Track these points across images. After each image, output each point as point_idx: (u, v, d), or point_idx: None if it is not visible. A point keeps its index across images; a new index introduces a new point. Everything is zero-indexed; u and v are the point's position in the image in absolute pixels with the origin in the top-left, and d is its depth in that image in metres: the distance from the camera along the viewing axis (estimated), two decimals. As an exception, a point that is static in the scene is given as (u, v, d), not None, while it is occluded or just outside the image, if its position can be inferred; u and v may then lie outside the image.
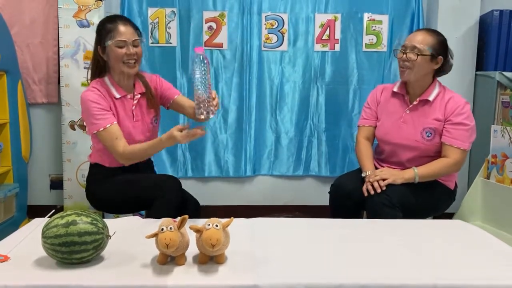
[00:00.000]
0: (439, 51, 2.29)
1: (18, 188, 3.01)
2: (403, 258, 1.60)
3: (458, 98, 2.33)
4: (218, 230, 1.45)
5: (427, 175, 2.26)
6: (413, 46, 2.28)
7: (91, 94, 2.16)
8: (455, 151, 2.25)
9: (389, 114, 2.44)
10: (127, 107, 2.26)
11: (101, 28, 2.20)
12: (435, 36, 2.32)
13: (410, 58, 2.28)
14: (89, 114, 2.14)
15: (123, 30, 2.15)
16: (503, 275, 1.47)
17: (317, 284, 1.39)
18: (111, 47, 2.14)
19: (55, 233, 1.44)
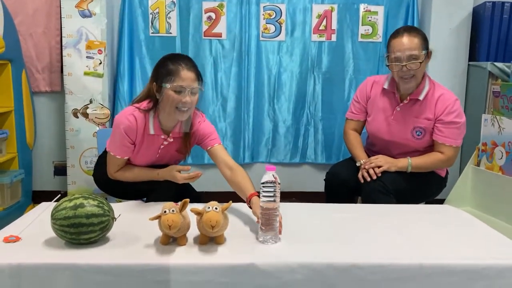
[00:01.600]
0: (427, 45, 2.29)
1: (23, 174, 3.09)
2: (392, 240, 1.67)
3: (448, 95, 2.33)
4: (218, 213, 1.51)
5: (420, 167, 2.32)
6: (409, 56, 2.22)
7: (127, 124, 2.05)
8: (448, 149, 2.30)
9: (379, 111, 2.44)
10: (155, 144, 2.17)
11: (161, 66, 2.04)
12: (418, 34, 2.27)
13: (412, 68, 2.23)
14: (115, 137, 2.11)
15: (184, 76, 1.98)
16: (485, 255, 1.54)
17: (310, 262, 1.46)
18: (168, 90, 1.98)
19: (64, 215, 1.50)
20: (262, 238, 1.60)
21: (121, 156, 2.12)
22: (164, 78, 1.98)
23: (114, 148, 2.13)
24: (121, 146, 2.10)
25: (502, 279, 1.48)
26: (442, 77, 3.45)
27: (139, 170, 2.17)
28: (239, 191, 1.99)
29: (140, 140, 2.11)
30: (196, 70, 2.04)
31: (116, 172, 2.17)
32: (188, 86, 1.98)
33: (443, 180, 2.50)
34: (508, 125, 2.60)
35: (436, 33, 3.43)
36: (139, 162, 2.19)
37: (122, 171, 2.17)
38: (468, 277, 1.48)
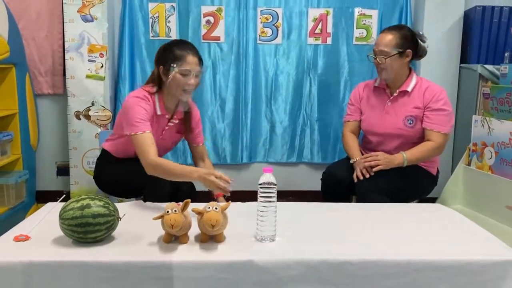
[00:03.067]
0: (405, 45, 2.43)
1: (27, 174, 3.13)
2: (383, 238, 1.73)
3: (434, 86, 2.49)
4: (217, 212, 1.58)
5: (414, 159, 2.41)
6: (380, 50, 2.42)
7: (142, 101, 2.20)
8: (437, 135, 2.41)
9: (372, 108, 2.59)
10: (160, 125, 2.34)
11: (169, 51, 2.23)
12: (396, 33, 2.44)
13: (380, 61, 2.43)
14: (132, 116, 2.15)
15: (191, 60, 2.20)
16: (470, 252, 1.62)
17: (305, 259, 1.53)
18: (175, 73, 2.19)
19: (72, 215, 1.56)
20: (260, 236, 1.66)
21: (149, 130, 2.15)
22: (173, 62, 2.19)
23: (137, 124, 2.13)
24: (145, 121, 2.16)
25: (485, 274, 1.56)
26: (435, 78, 3.48)
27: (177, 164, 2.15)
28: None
29: (151, 118, 2.26)
30: (199, 55, 2.27)
31: (154, 157, 2.09)
32: (194, 69, 2.21)
33: (434, 178, 2.59)
34: (497, 126, 2.66)
35: (428, 36, 3.39)
36: None
37: (161, 160, 2.11)
38: (453, 272, 1.55)
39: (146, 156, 2.10)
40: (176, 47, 2.23)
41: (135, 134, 2.14)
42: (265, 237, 1.66)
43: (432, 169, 2.56)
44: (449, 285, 1.55)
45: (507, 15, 3.32)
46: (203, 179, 1.97)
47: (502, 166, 2.63)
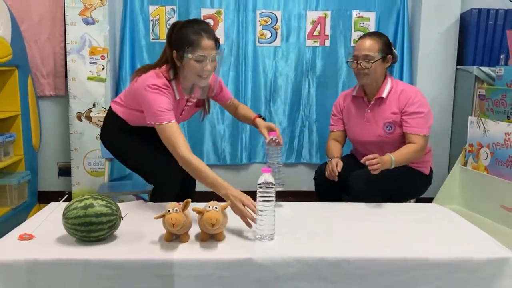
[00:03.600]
0: (387, 50, 2.45)
1: (29, 175, 3.16)
2: (380, 236, 1.77)
3: (409, 89, 2.49)
4: (217, 212, 1.61)
5: (402, 160, 2.36)
6: (364, 55, 2.41)
7: (163, 90, 2.05)
8: (417, 138, 2.40)
9: (353, 117, 2.60)
10: (180, 106, 2.24)
11: (182, 36, 2.04)
12: (379, 39, 2.46)
13: (365, 66, 2.41)
14: (155, 106, 2.02)
15: (205, 45, 2.01)
16: (465, 250, 1.65)
17: (303, 257, 1.56)
18: (189, 60, 2.03)
19: (75, 215, 1.59)
20: (259, 235, 1.69)
21: (174, 118, 2.04)
22: (186, 48, 2.01)
23: (163, 115, 2.02)
24: (169, 110, 2.04)
25: (480, 272, 1.59)
26: (432, 80, 3.56)
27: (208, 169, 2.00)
28: (244, 119, 2.48)
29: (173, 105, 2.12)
30: (214, 36, 2.08)
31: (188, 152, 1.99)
32: (209, 54, 2.03)
33: (427, 178, 2.59)
34: (493, 127, 2.70)
35: (425, 38, 3.52)
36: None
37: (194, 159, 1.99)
38: (449, 270, 1.58)
39: (177, 150, 1.99)
40: (190, 30, 2.03)
41: (160, 124, 2.01)
42: (264, 236, 1.69)
43: (424, 169, 2.57)
44: (445, 282, 1.58)
45: (503, 18, 3.35)
46: (231, 203, 1.81)
47: (497, 167, 2.67)
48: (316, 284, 1.57)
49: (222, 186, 1.89)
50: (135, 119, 2.24)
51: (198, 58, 2.02)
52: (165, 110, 2.02)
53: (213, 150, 3.69)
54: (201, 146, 3.67)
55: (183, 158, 1.98)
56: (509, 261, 1.60)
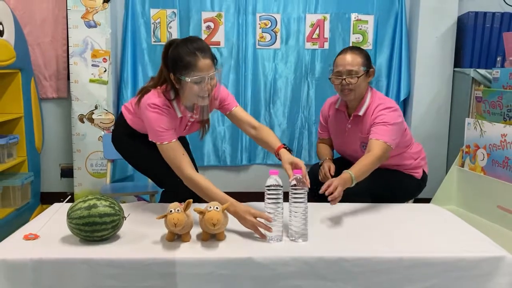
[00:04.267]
0: (369, 64, 2.39)
1: (32, 176, 3.18)
2: (377, 236, 1.80)
3: (383, 105, 2.36)
4: (218, 212, 1.64)
5: (361, 175, 2.16)
6: (348, 70, 2.32)
7: (164, 111, 2.04)
8: (376, 144, 2.23)
9: (336, 128, 2.58)
10: (183, 123, 2.21)
11: (177, 58, 1.96)
12: (361, 53, 2.38)
13: (350, 82, 2.32)
14: (156, 125, 2.02)
15: (202, 65, 1.93)
16: (460, 249, 1.68)
17: (302, 256, 1.59)
18: (187, 84, 1.96)
19: (79, 215, 1.62)
20: (268, 237, 1.71)
21: (176, 138, 2.03)
22: (183, 71, 1.95)
23: (165, 136, 2.01)
24: (169, 130, 2.03)
25: (475, 270, 1.62)
26: (429, 82, 3.60)
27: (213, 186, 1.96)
28: (267, 147, 2.23)
29: (175, 123, 2.12)
30: (211, 54, 2.00)
31: (192, 172, 1.98)
32: (207, 74, 1.95)
33: (420, 181, 2.58)
34: (489, 129, 2.72)
35: (423, 41, 3.56)
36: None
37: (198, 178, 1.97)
38: (444, 269, 1.61)
39: (182, 170, 1.99)
40: (185, 51, 1.95)
41: (161, 143, 2.01)
42: (272, 237, 1.71)
43: (416, 174, 2.54)
44: (441, 280, 1.61)
45: (499, 21, 3.39)
46: (239, 218, 1.81)
47: (494, 167, 2.69)
48: (314, 282, 1.60)
49: (230, 203, 1.84)
50: (141, 128, 2.23)
51: (196, 80, 1.95)
52: (164, 129, 2.01)
53: (213, 151, 3.72)
54: (202, 147, 3.70)
55: (188, 178, 1.98)
56: (503, 260, 1.63)
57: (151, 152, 2.11)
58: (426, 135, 3.63)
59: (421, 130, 3.63)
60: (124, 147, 2.39)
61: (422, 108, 3.65)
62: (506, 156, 2.61)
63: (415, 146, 2.61)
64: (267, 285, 1.59)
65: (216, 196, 1.89)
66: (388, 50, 3.69)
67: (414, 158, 2.56)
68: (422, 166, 2.60)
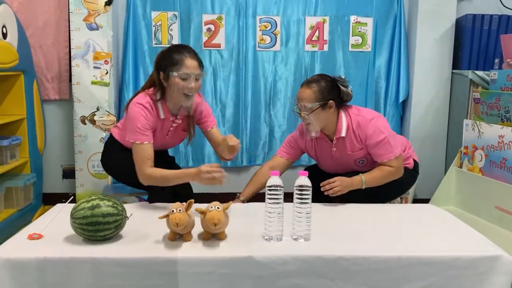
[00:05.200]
0: (326, 97, 2.28)
1: (35, 177, 3.20)
2: (376, 235, 1.82)
3: (362, 121, 2.34)
4: (219, 212, 1.65)
5: (373, 182, 2.29)
6: (302, 105, 2.29)
7: (148, 108, 2.19)
8: (392, 162, 2.30)
9: (322, 156, 2.50)
10: (165, 126, 2.32)
11: (167, 56, 2.19)
12: (314, 87, 2.28)
13: (304, 117, 2.30)
14: (134, 124, 2.16)
15: (189, 64, 2.15)
16: (457, 248, 1.71)
17: (301, 255, 1.61)
18: (174, 78, 2.15)
19: (83, 215, 1.63)
20: (268, 236, 1.74)
21: (147, 140, 2.16)
22: (171, 67, 2.15)
23: (139, 136, 2.15)
24: (145, 131, 2.17)
25: (472, 268, 1.64)
26: (428, 84, 3.62)
27: (170, 171, 2.18)
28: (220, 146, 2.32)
29: (155, 125, 2.25)
30: (198, 58, 2.22)
31: (149, 171, 2.14)
32: (193, 73, 2.16)
33: (412, 171, 2.54)
34: (487, 130, 2.75)
35: (422, 43, 3.58)
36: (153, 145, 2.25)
37: (154, 173, 2.14)
38: (441, 267, 1.63)
39: (142, 170, 2.15)
40: (174, 52, 2.19)
41: (134, 142, 2.16)
42: (272, 236, 1.73)
43: (407, 165, 2.50)
44: (438, 279, 1.63)
45: (497, 23, 3.41)
46: (198, 179, 2.05)
47: (492, 168, 2.72)
48: (313, 281, 1.62)
49: (191, 174, 2.10)
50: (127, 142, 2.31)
51: (182, 76, 2.15)
52: (141, 130, 2.16)
53: (214, 153, 3.69)
54: (202, 148, 3.72)
55: (144, 176, 2.15)
56: (499, 259, 1.65)
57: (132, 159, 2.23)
58: (424, 136, 3.66)
59: (420, 131, 3.66)
60: (110, 162, 2.49)
61: (420, 109, 3.67)
62: (503, 157, 2.64)
63: (400, 139, 2.56)
64: (267, 283, 1.61)
65: (173, 178, 2.15)
66: (387, 52, 3.72)
67: (402, 150, 2.50)
68: (410, 155, 2.56)
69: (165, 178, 2.15)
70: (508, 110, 2.66)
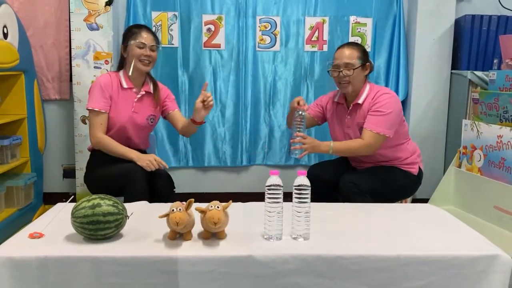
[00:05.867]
0: (365, 58, 2.52)
1: (35, 177, 3.21)
2: (375, 235, 1.82)
3: (382, 91, 2.51)
4: (219, 211, 1.66)
5: (340, 150, 2.48)
6: (345, 63, 2.48)
7: (104, 79, 2.54)
8: (368, 134, 2.42)
9: (335, 122, 2.67)
10: (129, 98, 2.59)
11: (127, 31, 2.61)
12: (358, 47, 2.53)
13: (346, 74, 2.47)
14: (93, 92, 2.52)
15: (145, 35, 2.55)
16: (456, 247, 1.71)
17: (301, 254, 1.62)
18: (132, 46, 2.53)
19: (83, 214, 1.64)
20: (267, 235, 1.75)
21: (101, 108, 2.49)
22: (129, 38, 2.55)
23: (94, 103, 2.50)
24: (101, 99, 2.50)
25: (471, 267, 1.65)
26: (427, 84, 3.63)
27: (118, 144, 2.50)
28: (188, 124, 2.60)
29: (116, 95, 2.55)
30: (155, 35, 2.61)
31: (101, 135, 2.48)
32: (148, 43, 2.54)
33: (416, 178, 2.62)
34: (486, 130, 2.76)
35: (421, 43, 3.59)
36: (118, 118, 2.55)
37: (105, 140, 2.49)
38: (440, 266, 1.64)
39: (94, 133, 2.50)
40: (134, 27, 2.62)
41: (92, 108, 2.50)
42: (272, 235, 1.74)
43: (412, 170, 2.60)
44: (437, 278, 1.64)
45: (496, 24, 3.42)
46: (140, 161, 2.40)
47: (490, 168, 2.74)
48: (313, 280, 1.62)
49: (132, 152, 2.47)
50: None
51: (138, 45, 2.53)
52: (98, 99, 2.49)
53: (214, 152, 3.75)
54: (202, 148, 3.73)
55: (98, 138, 2.49)
56: (498, 258, 1.66)
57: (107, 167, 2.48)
58: (424, 136, 3.67)
59: (419, 131, 3.67)
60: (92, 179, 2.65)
61: (420, 109, 3.68)
62: (502, 157, 2.65)
63: (411, 143, 2.68)
64: (267, 282, 1.62)
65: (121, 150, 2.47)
66: (386, 53, 3.72)
67: (410, 153, 2.60)
68: (418, 162, 2.63)
69: (113, 147, 2.48)
70: (507, 110, 2.67)
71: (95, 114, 2.51)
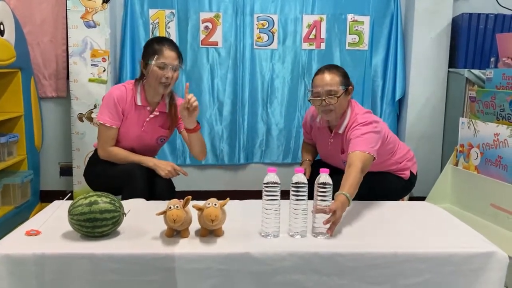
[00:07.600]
0: (347, 81, 2.32)
1: (32, 175, 3.21)
2: (371, 232, 1.84)
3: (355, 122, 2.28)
4: (217, 208, 1.66)
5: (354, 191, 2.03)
6: (327, 91, 2.25)
7: (118, 93, 2.36)
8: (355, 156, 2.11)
9: (321, 141, 2.54)
10: (141, 116, 2.41)
11: (148, 46, 2.35)
12: (338, 71, 2.32)
13: (330, 102, 2.25)
14: (105, 105, 2.35)
15: (167, 54, 2.29)
16: (452, 245, 1.72)
17: (298, 251, 1.63)
18: (153, 66, 2.28)
19: (80, 211, 1.64)
20: (265, 232, 1.75)
21: (111, 124, 2.35)
22: (150, 56, 2.30)
23: (106, 117, 2.35)
24: (113, 114, 2.34)
25: (467, 264, 1.66)
26: (424, 82, 3.64)
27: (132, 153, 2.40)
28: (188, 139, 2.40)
29: (129, 110, 2.38)
30: (178, 50, 2.36)
31: (110, 148, 2.37)
32: (170, 63, 2.30)
33: (408, 182, 2.54)
34: (483, 128, 2.77)
35: (418, 42, 3.60)
36: (126, 136, 2.41)
37: (116, 149, 2.38)
38: (437, 263, 1.65)
39: (103, 147, 2.39)
40: (155, 42, 2.35)
41: (101, 122, 2.36)
42: (269, 233, 1.75)
43: (403, 175, 2.51)
44: (434, 275, 1.65)
45: (493, 22, 3.43)
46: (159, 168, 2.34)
47: (487, 166, 2.74)
48: (310, 277, 1.63)
49: (150, 160, 2.37)
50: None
51: (160, 65, 2.28)
52: (109, 114, 2.34)
53: (211, 150, 3.75)
54: (200, 146, 3.72)
55: (109, 149, 2.38)
56: (494, 255, 1.67)
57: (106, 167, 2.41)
58: (421, 134, 3.68)
59: (416, 130, 3.68)
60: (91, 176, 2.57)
61: (417, 108, 3.69)
62: (498, 155, 2.66)
63: (400, 151, 2.52)
64: (264, 279, 1.62)
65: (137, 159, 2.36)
66: (384, 51, 3.73)
67: (398, 162, 2.50)
68: (408, 167, 2.53)
69: (126, 157, 2.38)
70: (504, 109, 2.68)
71: (106, 129, 2.36)
